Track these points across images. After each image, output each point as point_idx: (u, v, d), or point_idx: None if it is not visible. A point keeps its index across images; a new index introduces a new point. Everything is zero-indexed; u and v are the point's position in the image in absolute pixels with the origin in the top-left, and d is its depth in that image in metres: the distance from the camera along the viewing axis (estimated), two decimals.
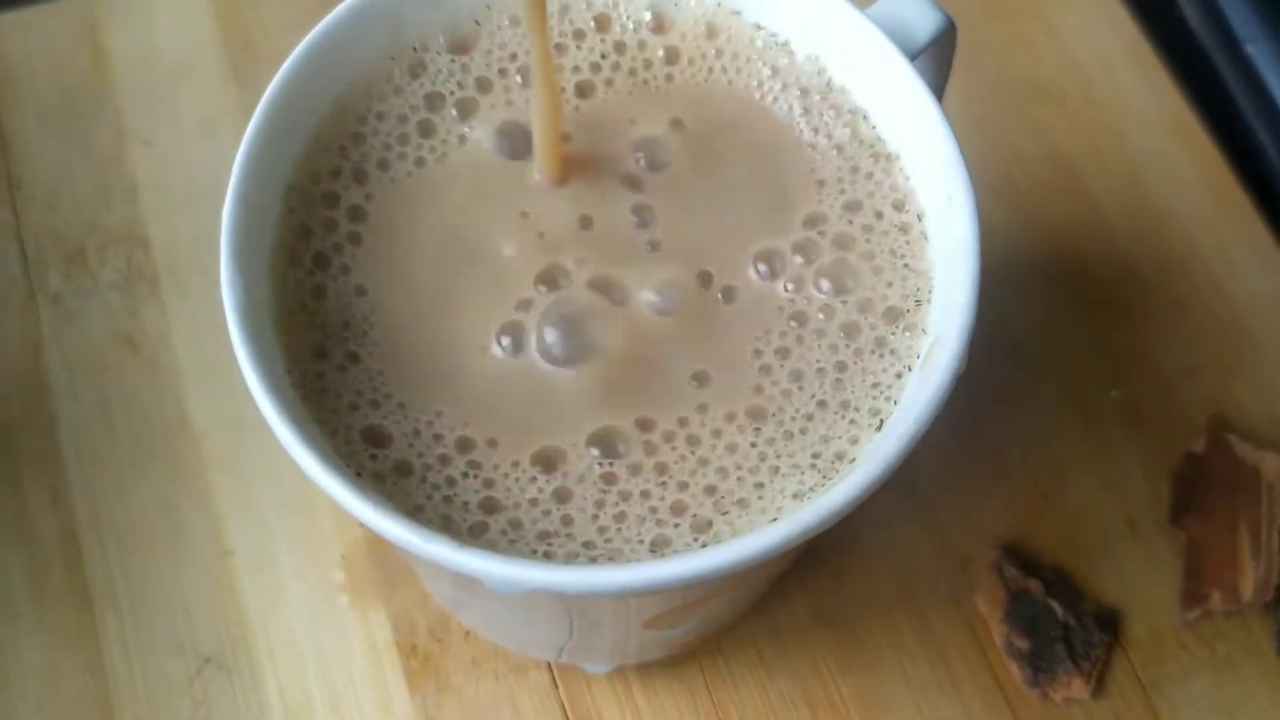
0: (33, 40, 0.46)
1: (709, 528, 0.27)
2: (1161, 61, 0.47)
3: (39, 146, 0.44)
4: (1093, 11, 0.47)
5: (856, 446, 0.28)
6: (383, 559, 0.38)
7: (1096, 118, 0.46)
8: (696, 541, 0.27)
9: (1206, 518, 0.39)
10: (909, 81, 0.30)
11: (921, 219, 0.30)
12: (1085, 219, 0.44)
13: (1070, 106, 0.46)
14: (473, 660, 0.37)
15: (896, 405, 0.28)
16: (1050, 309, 0.43)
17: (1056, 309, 0.43)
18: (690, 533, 0.27)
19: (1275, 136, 0.46)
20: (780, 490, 0.27)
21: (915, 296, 0.29)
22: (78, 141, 0.44)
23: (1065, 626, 0.38)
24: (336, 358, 0.28)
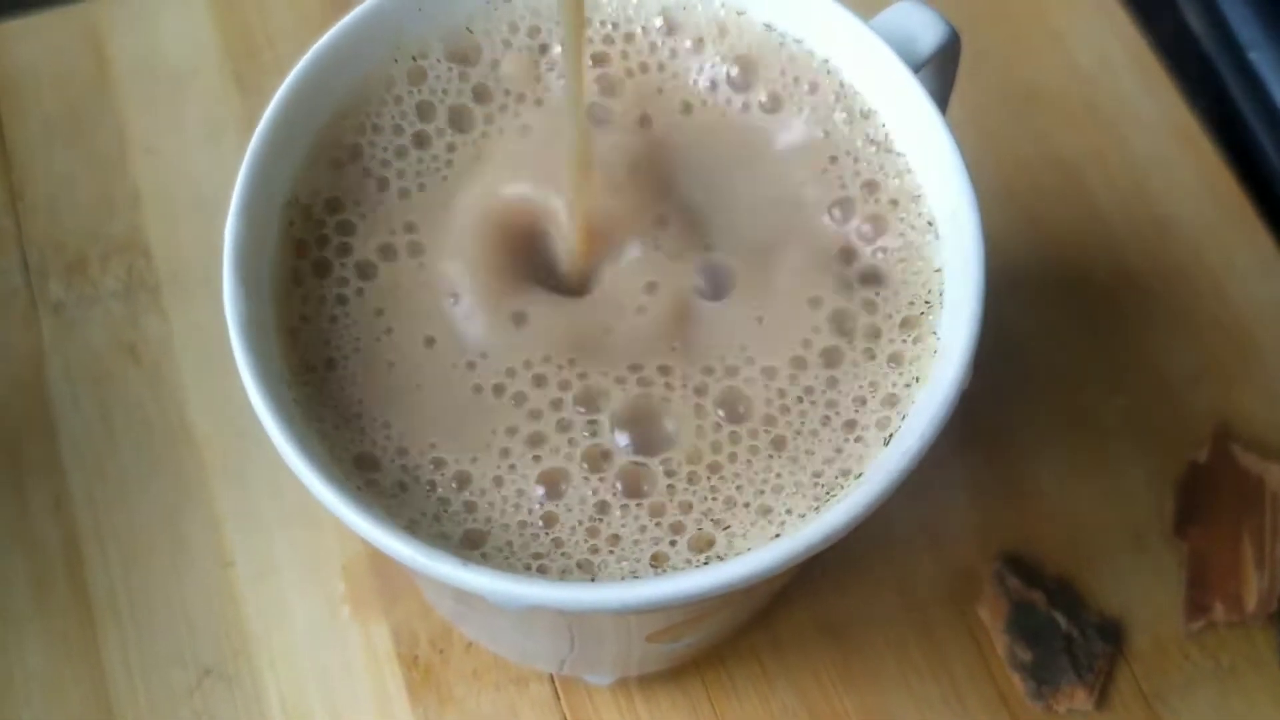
0: (36, 48, 0.46)
1: (710, 544, 0.27)
2: (1164, 67, 0.46)
3: (42, 155, 0.44)
4: (1095, 17, 0.47)
5: (862, 462, 0.28)
6: (384, 570, 0.38)
7: (1099, 124, 0.45)
8: (698, 558, 0.27)
9: (1210, 528, 0.39)
10: (913, 93, 0.30)
11: (933, 225, 0.30)
12: (1088, 225, 0.44)
13: (1073, 112, 0.46)
14: (474, 672, 0.37)
15: (904, 419, 0.28)
16: (1053, 316, 0.42)
17: (1059, 316, 0.42)
18: (690, 550, 0.27)
19: (1277, 142, 0.46)
20: (784, 506, 0.27)
21: (926, 308, 0.29)
22: (80, 150, 0.44)
23: (1068, 637, 0.37)
24: (338, 372, 0.28)
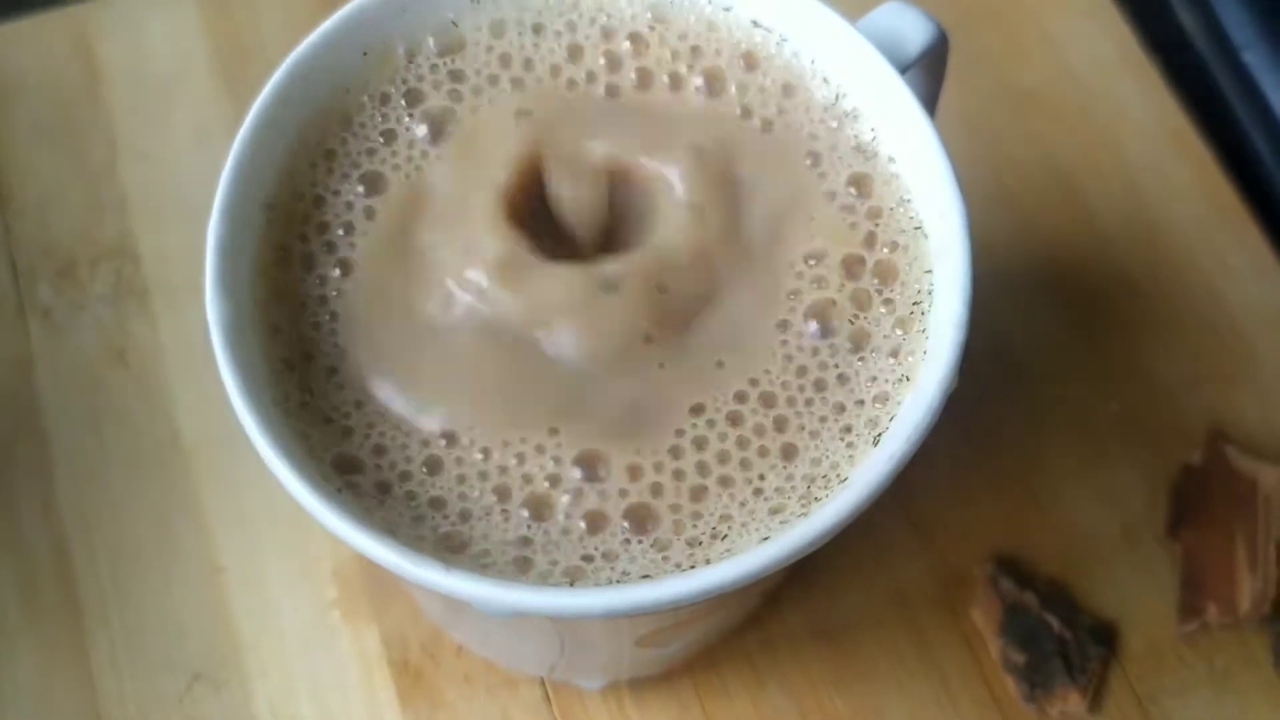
0: (24, 53, 0.45)
1: (698, 546, 0.27)
2: (1158, 69, 0.46)
3: (30, 159, 0.44)
4: (1089, 20, 0.47)
5: (851, 464, 0.27)
6: (374, 575, 0.38)
7: (1093, 126, 0.45)
8: (685, 561, 0.27)
9: (1203, 530, 0.39)
10: (900, 95, 0.29)
11: (921, 228, 0.30)
12: (1082, 229, 0.44)
13: (1066, 115, 0.46)
14: (465, 676, 0.37)
15: (892, 421, 0.28)
16: (1046, 319, 0.42)
17: (1053, 319, 0.42)
18: (677, 553, 0.27)
19: (1272, 144, 0.46)
20: (771, 509, 0.27)
21: (916, 309, 0.29)
22: (69, 154, 0.44)
23: (1061, 640, 0.37)
24: (321, 376, 0.28)
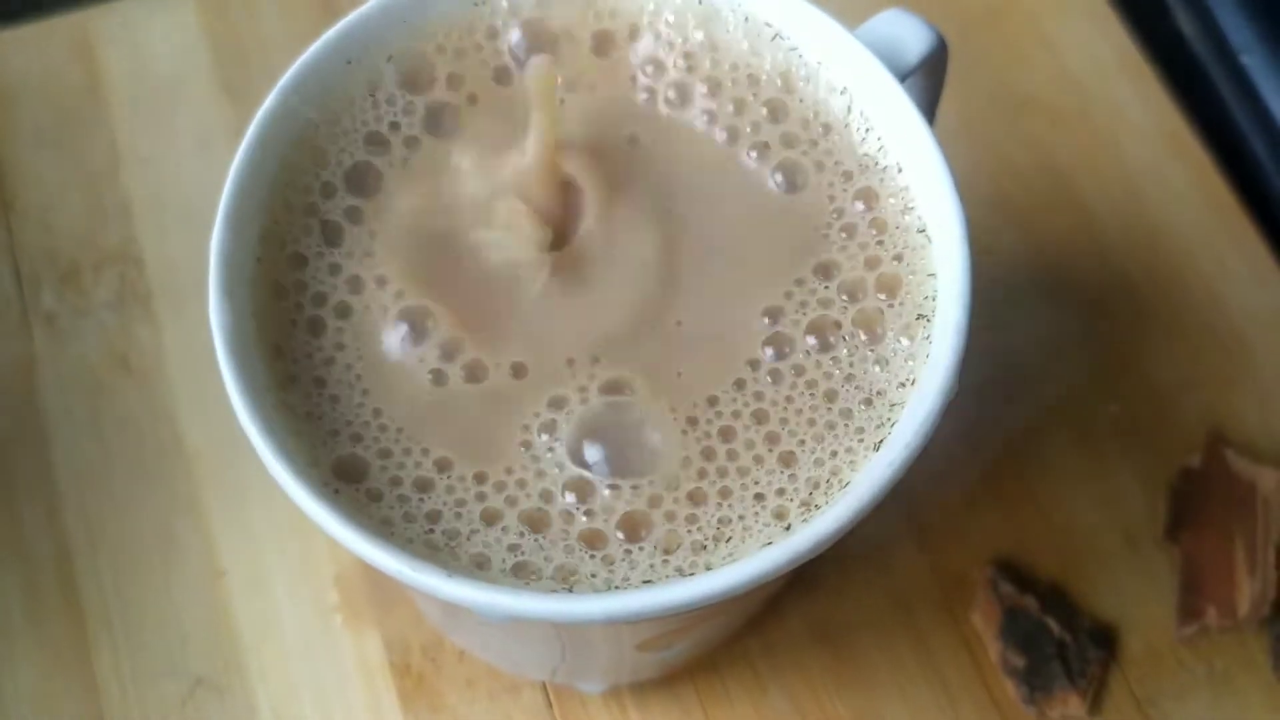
0: (26, 58, 0.46)
1: (700, 552, 0.27)
2: (1156, 73, 0.46)
3: (33, 165, 0.44)
4: (1087, 24, 0.47)
5: (852, 469, 0.27)
6: (377, 580, 0.38)
7: (1092, 130, 0.46)
8: (685, 567, 0.27)
9: (1203, 533, 0.39)
10: (900, 103, 0.29)
11: (924, 232, 0.30)
12: (1081, 232, 0.44)
13: (1065, 119, 0.46)
14: (467, 681, 0.37)
15: (893, 426, 0.28)
16: (1045, 323, 0.42)
17: (1052, 323, 0.42)
18: (678, 559, 0.27)
19: (1271, 148, 0.46)
20: (772, 513, 0.27)
21: (920, 315, 0.29)
22: (71, 160, 0.44)
23: (1061, 643, 0.37)
24: (323, 381, 0.28)
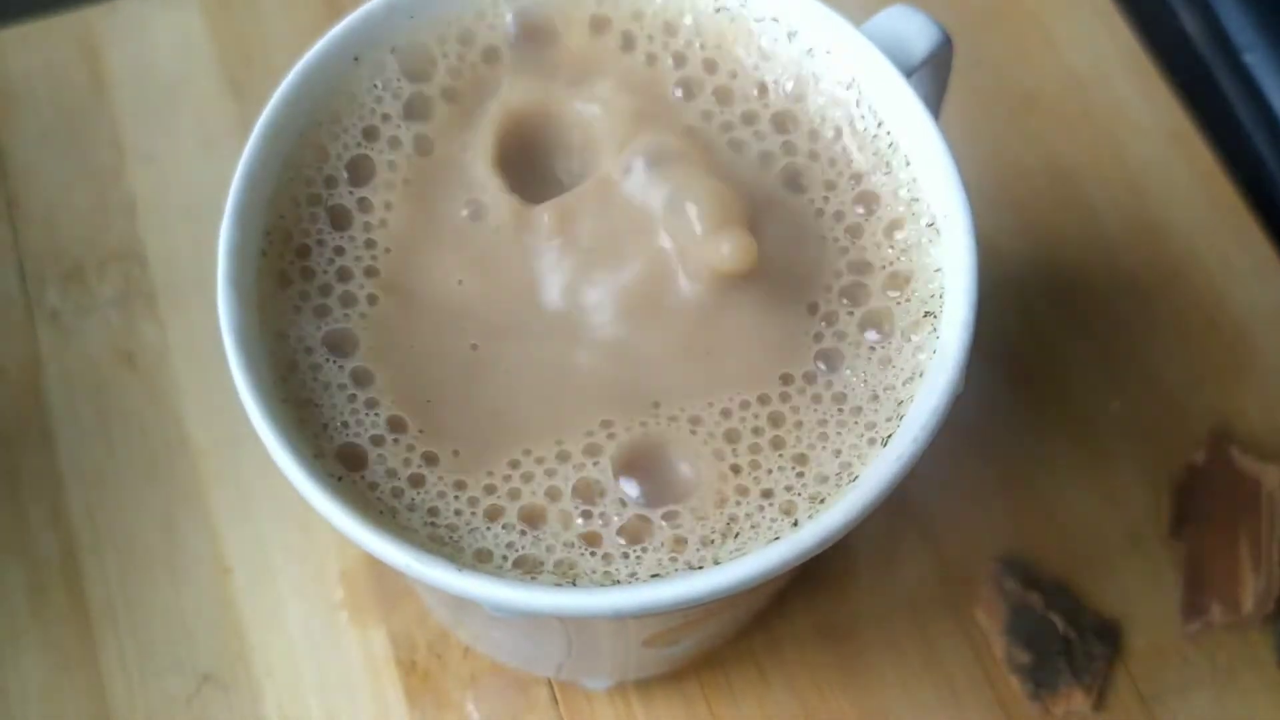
0: (31, 57, 0.46)
1: (708, 546, 0.27)
2: (1160, 71, 0.47)
3: (37, 164, 0.44)
4: (1090, 22, 0.47)
5: (860, 464, 0.27)
6: (382, 576, 0.38)
7: (1095, 128, 0.46)
8: (693, 562, 0.27)
9: (1207, 529, 0.39)
10: (906, 99, 0.30)
11: (933, 225, 0.30)
12: (1084, 230, 0.44)
13: (1068, 117, 0.46)
14: (472, 676, 0.37)
15: (901, 422, 0.28)
16: (1049, 319, 0.43)
17: (1055, 319, 0.43)
18: (685, 554, 0.27)
19: (1274, 145, 0.46)
20: (779, 508, 0.27)
21: (928, 310, 0.29)
22: (76, 158, 0.44)
23: (1066, 640, 0.37)
24: (330, 375, 0.28)
